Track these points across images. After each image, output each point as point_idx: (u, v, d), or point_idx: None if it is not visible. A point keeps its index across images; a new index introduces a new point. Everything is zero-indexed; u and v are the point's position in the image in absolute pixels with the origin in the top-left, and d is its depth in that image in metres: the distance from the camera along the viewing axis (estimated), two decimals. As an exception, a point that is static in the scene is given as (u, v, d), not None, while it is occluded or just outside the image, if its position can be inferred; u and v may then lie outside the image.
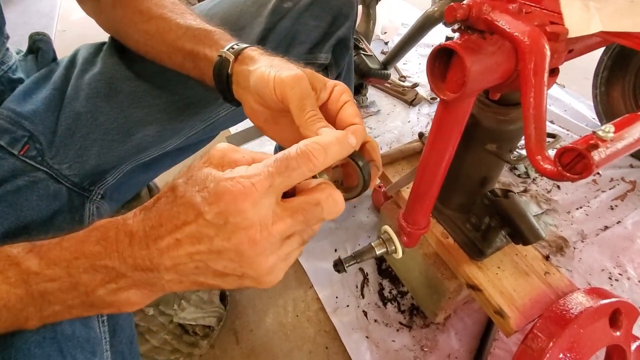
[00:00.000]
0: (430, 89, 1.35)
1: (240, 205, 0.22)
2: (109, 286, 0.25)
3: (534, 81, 0.27)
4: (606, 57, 1.01)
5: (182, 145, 0.51)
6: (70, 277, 0.25)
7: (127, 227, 0.25)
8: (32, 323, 0.27)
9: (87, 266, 0.25)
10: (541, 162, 0.26)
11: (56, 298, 0.26)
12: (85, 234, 0.26)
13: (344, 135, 0.26)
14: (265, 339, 0.73)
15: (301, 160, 0.23)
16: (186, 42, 0.39)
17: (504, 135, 0.47)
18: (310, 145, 0.24)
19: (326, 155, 0.24)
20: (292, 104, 0.29)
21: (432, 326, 0.73)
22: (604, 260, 0.82)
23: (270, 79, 0.30)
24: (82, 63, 0.45)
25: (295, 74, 0.29)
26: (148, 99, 0.44)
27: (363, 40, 0.86)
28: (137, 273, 0.24)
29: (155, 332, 0.57)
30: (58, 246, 0.26)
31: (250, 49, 0.35)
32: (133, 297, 0.26)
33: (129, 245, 0.24)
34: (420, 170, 0.47)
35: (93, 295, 0.25)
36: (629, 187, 0.96)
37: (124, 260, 0.24)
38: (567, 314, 0.50)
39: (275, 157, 0.24)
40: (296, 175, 0.24)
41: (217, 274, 0.24)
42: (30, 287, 0.25)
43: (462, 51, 0.32)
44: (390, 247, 0.54)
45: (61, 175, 0.40)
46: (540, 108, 0.27)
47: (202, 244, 0.23)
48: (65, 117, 0.41)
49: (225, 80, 0.35)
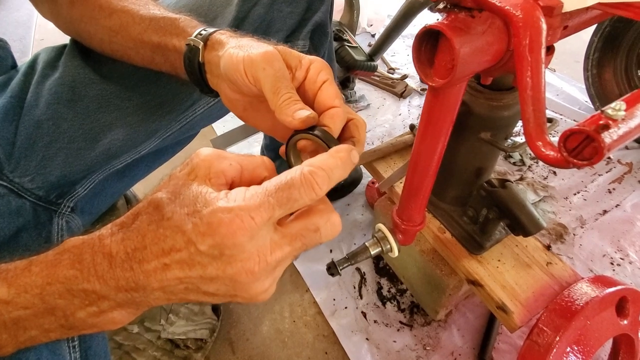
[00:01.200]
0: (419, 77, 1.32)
1: (238, 240, 0.21)
2: (89, 309, 0.23)
3: (530, 58, 0.24)
4: (596, 39, 0.99)
5: (158, 148, 0.48)
6: (45, 304, 0.23)
7: (105, 247, 0.23)
8: (7, 350, 0.25)
9: (62, 291, 0.23)
10: (542, 149, 0.24)
11: (31, 324, 0.24)
12: (56, 257, 0.24)
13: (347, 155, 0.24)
14: (263, 348, 0.70)
15: (304, 191, 0.22)
16: (152, 34, 0.36)
17: (498, 122, 0.45)
18: (315, 173, 0.22)
19: (330, 182, 0.23)
20: (265, 86, 0.27)
21: (433, 324, 0.71)
22: (604, 245, 0.80)
23: (239, 60, 0.28)
24: (42, 68, 0.41)
25: (266, 52, 0.27)
26: (116, 102, 0.41)
27: (347, 32, 0.84)
28: (121, 294, 0.23)
29: (143, 350, 0.54)
30: (26, 271, 0.24)
31: (219, 33, 0.33)
32: (117, 317, 0.24)
33: (110, 268, 0.22)
34: (412, 163, 0.44)
35: (73, 318, 0.24)
36: (626, 170, 0.94)
37: (105, 283, 0.23)
38: (573, 305, 0.48)
39: (277, 185, 0.22)
40: (297, 206, 0.23)
41: (207, 294, 0.23)
42: (1, 315, 0.24)
43: (450, 32, 0.29)
44: (385, 246, 0.51)
45: (23, 189, 0.37)
46: (539, 88, 0.24)
47: (193, 270, 0.22)
48: (24, 126, 0.38)
49: (197, 71, 0.33)
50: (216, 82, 0.33)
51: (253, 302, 0.24)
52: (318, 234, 0.24)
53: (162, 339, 0.56)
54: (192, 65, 0.33)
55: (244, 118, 0.33)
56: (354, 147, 0.25)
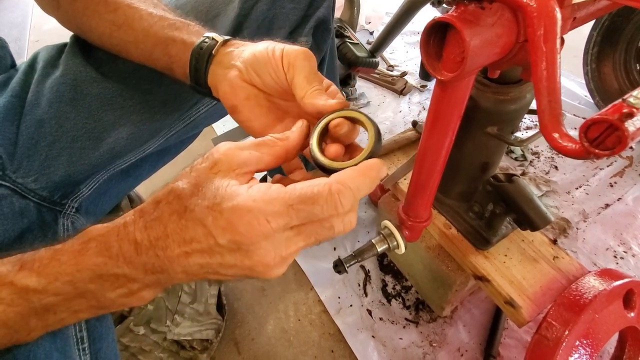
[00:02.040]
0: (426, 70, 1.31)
1: (255, 239, 0.22)
2: (119, 291, 0.25)
3: (545, 49, 0.24)
4: (595, 33, 0.99)
5: (162, 148, 0.47)
6: (77, 289, 0.25)
7: (129, 234, 0.24)
8: (35, 334, 0.26)
9: (93, 277, 0.25)
10: (559, 140, 0.23)
11: (62, 308, 0.25)
12: (82, 245, 0.25)
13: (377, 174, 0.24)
14: (268, 347, 0.70)
15: (327, 208, 0.22)
16: (160, 29, 0.36)
17: (505, 116, 0.45)
18: (342, 190, 0.22)
19: (355, 201, 0.23)
20: (302, 74, 0.29)
21: (439, 320, 0.71)
22: (607, 238, 0.80)
23: (278, 49, 0.30)
24: (42, 67, 0.41)
25: (306, 50, 0.29)
26: (119, 101, 0.41)
27: (348, 29, 0.83)
28: (149, 276, 0.24)
29: (149, 352, 0.53)
30: (55, 261, 0.25)
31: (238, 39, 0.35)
32: (146, 294, 0.26)
33: (137, 254, 0.24)
34: (419, 159, 0.44)
35: (104, 299, 0.25)
36: (627, 163, 0.95)
37: (134, 267, 0.24)
38: (581, 299, 0.48)
39: (301, 197, 0.22)
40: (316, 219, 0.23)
41: (226, 275, 0.25)
42: (32, 303, 0.25)
43: (460, 24, 0.29)
44: (392, 243, 0.51)
45: (26, 189, 0.36)
46: (554, 79, 0.24)
47: (213, 258, 0.23)
48: (26, 125, 0.37)
49: (204, 62, 0.34)
50: (222, 71, 0.33)
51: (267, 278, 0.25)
52: (331, 230, 0.24)
53: (168, 340, 0.55)
54: (201, 54, 0.34)
55: (238, 108, 0.33)
56: (384, 164, 0.25)
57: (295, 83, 0.29)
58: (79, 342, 0.32)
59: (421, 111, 1.14)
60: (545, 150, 0.98)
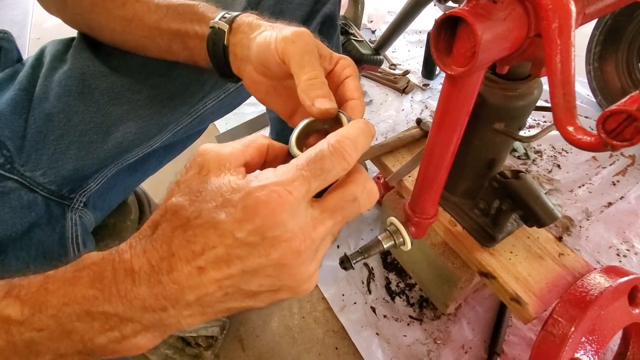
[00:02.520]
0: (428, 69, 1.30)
1: (279, 217, 0.19)
2: (110, 334, 0.21)
3: (560, 42, 0.24)
4: (598, 32, 0.99)
5: (169, 142, 0.47)
6: (61, 327, 0.21)
7: (126, 263, 0.21)
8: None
9: (80, 313, 0.21)
10: (574, 133, 0.23)
11: (45, 348, 0.21)
12: (74, 273, 0.22)
13: (365, 124, 0.23)
14: (272, 344, 0.70)
15: (336, 160, 0.21)
16: (170, 21, 0.36)
17: (512, 113, 0.45)
18: (342, 141, 0.21)
19: (357, 151, 0.22)
20: (293, 59, 0.27)
21: (443, 317, 0.71)
22: (610, 237, 0.80)
23: (272, 39, 0.28)
24: (50, 60, 0.41)
25: (298, 29, 0.28)
26: (127, 95, 0.41)
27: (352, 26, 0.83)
28: (148, 315, 0.20)
29: (155, 348, 0.53)
30: (42, 289, 0.21)
31: (245, 15, 0.33)
32: (141, 341, 0.22)
33: (134, 285, 0.20)
34: (427, 154, 0.44)
35: (91, 344, 0.21)
36: (629, 162, 0.95)
37: (130, 303, 0.20)
38: (587, 295, 0.48)
39: (307, 159, 0.21)
40: (331, 177, 0.21)
41: (249, 295, 0.21)
42: (12, 337, 0.21)
43: (472, 18, 0.29)
44: (398, 239, 0.51)
45: (35, 183, 0.36)
46: (569, 72, 0.24)
47: (232, 266, 0.20)
48: (34, 119, 0.37)
49: (222, 55, 0.33)
50: (239, 64, 0.33)
51: (297, 294, 0.22)
52: (357, 203, 0.23)
53: (174, 337, 0.55)
54: (216, 50, 0.33)
55: (265, 101, 0.33)
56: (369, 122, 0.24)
57: (292, 72, 0.27)
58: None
59: (423, 110, 1.14)
60: (548, 148, 0.98)
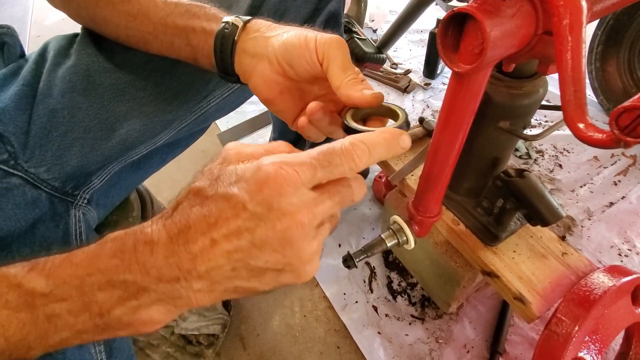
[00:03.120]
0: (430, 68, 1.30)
1: (285, 190, 0.22)
2: (128, 304, 0.23)
3: (571, 38, 0.24)
4: (600, 32, 0.99)
5: (173, 140, 0.47)
6: (83, 296, 0.23)
7: (146, 235, 0.23)
8: (34, 353, 0.24)
9: (102, 282, 0.22)
10: (585, 131, 0.23)
11: (64, 323, 0.23)
12: (97, 247, 0.24)
13: (393, 136, 0.25)
14: (274, 343, 0.69)
15: (344, 158, 0.23)
16: (177, 18, 0.36)
17: (518, 111, 0.44)
18: (355, 144, 0.24)
19: (369, 157, 0.24)
20: (336, 63, 0.29)
21: (445, 317, 0.71)
22: (612, 236, 0.80)
23: (310, 39, 0.30)
24: (53, 56, 0.40)
25: (339, 37, 0.30)
26: (131, 92, 0.40)
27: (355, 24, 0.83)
28: (162, 285, 0.22)
29: (157, 346, 0.53)
30: (67, 262, 0.24)
31: (260, 18, 0.34)
32: (155, 314, 0.23)
33: (151, 255, 0.22)
34: (431, 153, 0.44)
35: (108, 316, 0.23)
36: (630, 162, 0.95)
37: (147, 272, 0.22)
38: (591, 294, 0.48)
39: (319, 150, 0.23)
40: (337, 172, 0.23)
41: (255, 272, 0.23)
42: (35, 310, 0.23)
43: (480, 15, 0.29)
44: (401, 238, 0.51)
45: (39, 179, 0.36)
46: (580, 68, 0.24)
47: (241, 239, 0.22)
48: (38, 115, 0.37)
49: (229, 50, 0.33)
50: (249, 61, 0.33)
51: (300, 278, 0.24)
52: (351, 190, 0.25)
53: (176, 335, 0.55)
54: (224, 43, 0.33)
55: (273, 102, 0.33)
56: (404, 132, 0.26)
57: (331, 72, 0.29)
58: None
59: (425, 109, 1.14)
60: (550, 148, 0.98)
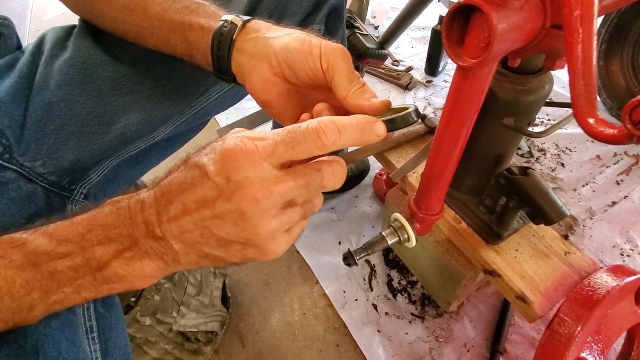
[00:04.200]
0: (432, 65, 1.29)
1: (241, 163, 0.22)
2: (123, 255, 0.25)
3: (582, 31, 0.23)
4: (604, 31, 0.98)
5: (172, 135, 0.46)
6: (84, 252, 0.25)
7: (140, 196, 0.25)
8: (36, 313, 0.26)
9: (101, 237, 0.25)
10: (596, 126, 0.23)
11: (66, 278, 0.25)
12: (97, 209, 0.26)
13: (367, 121, 0.25)
14: (273, 341, 0.69)
15: (309, 136, 0.23)
16: (175, 14, 0.35)
17: (523, 108, 0.44)
18: (324, 123, 0.24)
19: (339, 137, 0.24)
20: (342, 74, 0.29)
21: (445, 316, 0.70)
22: (614, 236, 0.80)
23: (315, 46, 0.29)
24: (50, 48, 0.39)
25: (343, 47, 0.30)
26: (130, 85, 0.40)
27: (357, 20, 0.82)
28: (150, 241, 0.25)
29: (155, 343, 0.52)
30: (69, 222, 0.26)
31: (260, 19, 0.34)
32: (147, 268, 0.25)
33: (141, 212, 0.25)
34: (435, 150, 0.43)
35: (106, 270, 0.25)
36: (633, 162, 0.94)
37: (137, 226, 0.25)
38: (594, 294, 0.48)
39: (286, 128, 0.24)
40: (301, 150, 0.23)
41: (221, 242, 0.24)
42: (39, 267, 0.25)
43: (487, 7, 0.28)
44: (403, 236, 0.50)
45: (35, 174, 0.35)
46: (591, 62, 0.23)
47: (206, 208, 0.23)
48: (34, 108, 0.36)
49: (227, 49, 0.33)
50: (248, 61, 0.32)
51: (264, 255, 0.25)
52: (320, 174, 0.25)
53: (174, 332, 0.54)
54: (222, 41, 0.33)
55: (273, 104, 0.33)
56: (379, 120, 0.26)
57: (337, 83, 0.29)
58: (89, 331, 0.31)
59: (427, 107, 1.13)
60: (552, 147, 0.98)
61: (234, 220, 0.23)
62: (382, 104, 0.29)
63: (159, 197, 0.24)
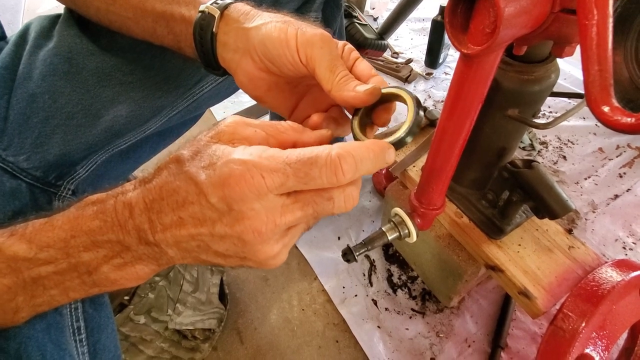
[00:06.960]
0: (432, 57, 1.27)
1: (245, 194, 0.20)
2: (114, 261, 0.24)
3: (597, 12, 0.22)
4: (608, 20, 0.96)
5: (164, 128, 0.44)
6: (69, 258, 0.23)
7: (126, 198, 0.23)
8: (22, 315, 0.25)
9: (87, 243, 0.23)
10: (610, 114, 0.21)
11: (52, 282, 0.24)
12: (78, 210, 0.24)
13: (381, 150, 0.23)
14: (271, 337, 0.68)
15: (325, 172, 0.21)
16: (156, 2, 0.33)
17: (528, 98, 0.42)
18: (344, 158, 0.21)
19: (356, 172, 0.22)
20: (322, 65, 0.27)
21: (446, 311, 0.69)
22: (616, 229, 0.79)
23: (291, 37, 0.27)
24: (34, 37, 0.38)
25: (322, 33, 0.27)
26: (118, 76, 0.38)
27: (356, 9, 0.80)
28: (142, 247, 0.23)
29: (150, 342, 0.51)
30: (48, 225, 0.24)
31: (240, 4, 0.31)
32: (140, 271, 0.24)
33: (131, 217, 0.23)
34: (436, 142, 0.42)
35: (96, 274, 0.24)
36: (636, 154, 0.93)
37: (128, 233, 0.23)
38: (599, 289, 0.47)
39: (299, 157, 0.21)
40: (314, 184, 0.22)
41: (218, 254, 0.23)
42: (20, 274, 0.23)
43: (494, -11, 0.26)
44: (403, 231, 0.49)
45: (18, 169, 0.33)
46: (606, 45, 0.22)
47: (204, 226, 0.22)
48: (17, 100, 0.34)
49: (209, 43, 0.30)
50: (231, 56, 0.30)
51: (263, 267, 0.23)
52: (331, 202, 0.23)
53: (170, 330, 0.53)
54: (203, 36, 0.30)
55: (263, 99, 0.31)
56: (392, 147, 0.25)
57: (319, 75, 0.27)
58: (76, 332, 0.30)
59: (426, 99, 1.11)
60: (554, 139, 0.96)
61: (234, 243, 0.22)
62: (367, 93, 0.26)
63: (148, 203, 0.23)
